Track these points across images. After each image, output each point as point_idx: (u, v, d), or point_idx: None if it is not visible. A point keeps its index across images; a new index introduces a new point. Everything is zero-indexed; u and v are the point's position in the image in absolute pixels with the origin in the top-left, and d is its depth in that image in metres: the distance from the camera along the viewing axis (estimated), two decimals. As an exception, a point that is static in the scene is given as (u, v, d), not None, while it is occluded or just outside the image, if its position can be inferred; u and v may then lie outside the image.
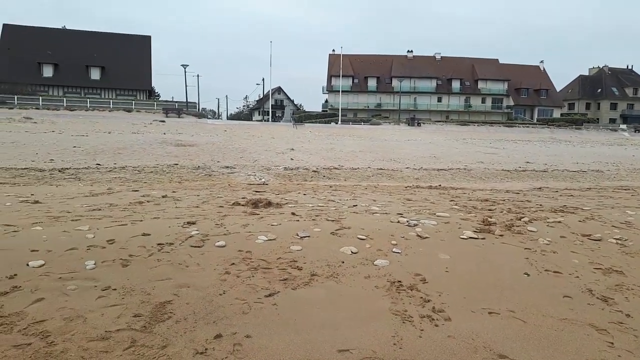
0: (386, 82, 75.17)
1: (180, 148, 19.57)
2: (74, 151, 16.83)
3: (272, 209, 5.73)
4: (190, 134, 27.76)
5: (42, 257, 3.39)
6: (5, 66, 55.86)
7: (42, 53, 58.15)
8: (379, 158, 18.49)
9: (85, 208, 5.39)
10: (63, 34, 62.20)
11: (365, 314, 2.90)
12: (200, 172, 12.09)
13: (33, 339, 2.40)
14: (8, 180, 9.34)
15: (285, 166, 14.50)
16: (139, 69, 60.87)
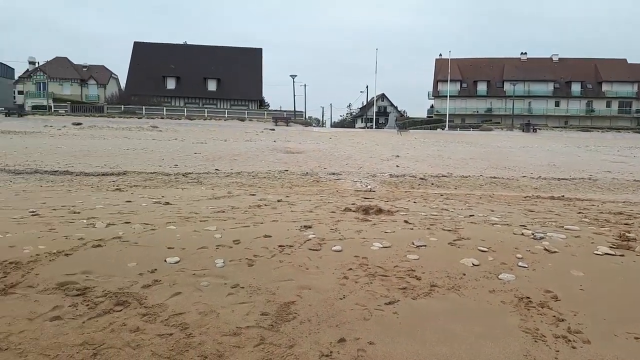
0: (497, 86, 71.59)
1: (289, 155, 20.28)
2: (194, 157, 18.19)
3: (383, 216, 5.69)
4: (298, 142, 28.68)
5: (177, 254, 3.68)
6: (135, 80, 62.05)
7: (166, 67, 63.78)
8: (491, 166, 17.62)
9: (210, 210, 5.78)
10: (184, 49, 67.65)
11: (492, 330, 2.75)
12: (308, 178, 12.41)
13: (174, 329, 2.60)
14: (140, 183, 10.33)
15: (390, 173, 14.38)
16: (251, 80, 64.28)
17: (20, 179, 11.19)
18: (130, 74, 63.75)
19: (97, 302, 2.86)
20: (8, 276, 3.18)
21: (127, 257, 3.57)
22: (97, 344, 2.42)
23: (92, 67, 74.23)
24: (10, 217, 4.93)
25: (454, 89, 69.04)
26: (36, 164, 14.63)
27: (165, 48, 66.23)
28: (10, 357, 2.30)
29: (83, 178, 11.39)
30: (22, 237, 3.99)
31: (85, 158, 17.03)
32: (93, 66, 74.42)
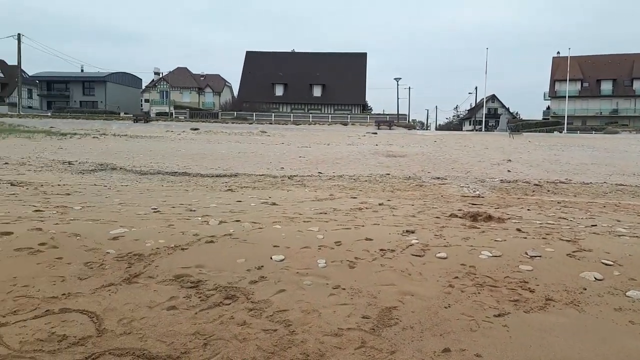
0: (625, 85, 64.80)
1: (391, 159, 20.08)
2: (299, 160, 18.74)
3: (493, 223, 5.38)
4: (401, 145, 28.31)
5: (282, 253, 3.78)
6: (247, 87, 65.48)
7: (275, 75, 66.55)
8: (617, 172, 15.95)
9: (313, 211, 5.89)
10: (292, 57, 70.10)
11: (618, 353, 2.46)
12: (411, 182, 12.16)
13: (278, 325, 2.67)
14: (250, 185, 10.85)
15: (501, 178, 13.60)
16: (354, 85, 64.84)
17: (145, 179, 12.33)
18: (242, 81, 67.56)
19: (209, 294, 3.03)
20: (132, 267, 3.49)
21: (236, 254, 3.75)
22: (208, 335, 2.55)
23: (209, 76, 79.81)
24: (135, 213, 5.43)
25: (574, 89, 63.66)
26: (159, 166, 16.02)
27: (274, 56, 69.24)
28: (133, 341, 2.51)
29: (199, 179, 12.24)
30: (145, 232, 4.37)
31: (201, 161, 18.31)
32: (209, 75, 80.00)
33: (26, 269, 3.45)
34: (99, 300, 2.96)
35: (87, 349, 2.43)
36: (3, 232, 4.19)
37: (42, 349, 2.42)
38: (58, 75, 75.35)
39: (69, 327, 2.63)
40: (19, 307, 2.87)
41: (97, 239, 4.05)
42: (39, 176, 12.14)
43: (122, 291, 3.09)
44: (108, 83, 74.74)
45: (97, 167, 15.05)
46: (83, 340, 2.50)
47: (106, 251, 3.77)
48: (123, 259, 3.62)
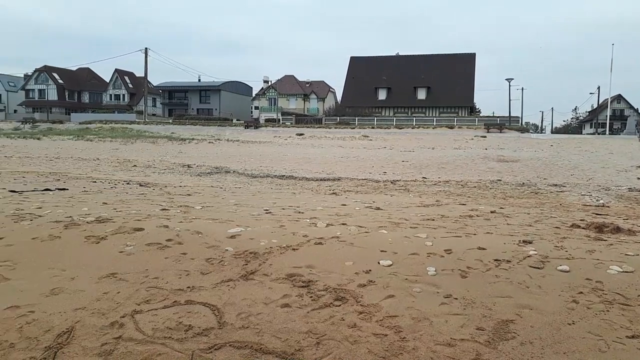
0: None
1: (503, 164, 19.06)
2: (402, 165, 18.53)
3: (622, 235, 4.88)
4: (513, 149, 26.78)
5: (389, 258, 3.77)
6: (350, 92, 66.13)
7: (378, 79, 66.45)
8: None
9: (420, 217, 5.78)
10: (396, 60, 69.51)
11: None
12: (525, 189, 11.44)
13: (388, 331, 2.67)
14: (352, 188, 10.95)
15: (629, 186, 12.29)
16: (461, 87, 62.64)
17: (255, 181, 12.97)
18: (345, 87, 68.43)
19: (319, 295, 3.11)
20: (249, 264, 3.69)
21: (344, 256, 3.80)
22: (320, 334, 2.62)
23: (314, 82, 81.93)
24: (249, 214, 5.73)
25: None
26: (267, 169, 16.77)
27: (377, 61, 69.21)
28: (250, 335, 2.66)
29: (304, 182, 12.61)
30: (259, 232, 4.59)
31: (306, 165, 18.85)
32: (314, 82, 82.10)
33: (156, 262, 3.80)
34: (219, 294, 3.17)
35: (210, 339, 2.61)
36: (136, 228, 4.65)
37: (171, 336, 2.65)
38: (178, 85, 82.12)
39: (194, 318, 2.85)
40: (151, 297, 3.17)
41: (217, 237, 4.34)
42: (162, 177, 13.31)
43: (240, 287, 3.27)
44: (222, 91, 79.87)
45: (212, 170, 16.15)
46: (206, 331, 2.70)
47: (225, 248, 4.02)
48: (240, 256, 3.84)
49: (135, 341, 2.60)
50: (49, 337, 2.66)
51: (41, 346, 2.56)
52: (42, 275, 3.60)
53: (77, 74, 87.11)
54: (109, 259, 3.90)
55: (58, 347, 2.54)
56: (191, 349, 2.51)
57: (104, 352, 2.49)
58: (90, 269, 3.68)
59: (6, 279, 3.56)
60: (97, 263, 3.81)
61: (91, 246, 4.22)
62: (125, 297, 3.15)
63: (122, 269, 3.65)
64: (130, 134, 39.97)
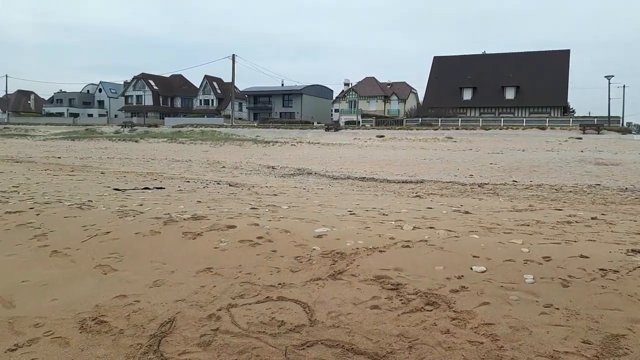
0: None
1: (601, 167, 17.68)
2: (490, 168, 17.77)
3: None
4: (613, 152, 24.76)
5: (482, 264, 3.61)
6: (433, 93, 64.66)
7: (463, 78, 64.35)
8: None
9: (513, 222, 5.50)
10: (482, 59, 66.95)
11: None
12: (629, 195, 10.52)
13: (484, 339, 2.55)
14: (437, 192, 10.68)
15: None
16: (554, 86, 59.02)
17: (336, 183, 13.07)
18: (428, 87, 66.99)
19: (410, 298, 3.05)
20: (336, 264, 3.71)
21: (433, 260, 3.71)
22: (412, 338, 2.57)
23: (395, 84, 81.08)
24: (334, 215, 5.78)
25: None
26: (348, 171, 16.83)
27: (463, 60, 67.05)
28: (341, 334, 2.67)
29: (386, 185, 12.50)
30: (344, 232, 4.61)
31: (387, 167, 18.69)
32: (395, 83, 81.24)
33: (248, 258, 3.94)
34: (309, 292, 3.21)
35: (302, 336, 2.66)
36: (229, 225, 4.85)
37: (265, 331, 2.73)
38: (262, 90, 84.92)
39: (286, 314, 2.91)
40: (245, 292, 3.29)
41: (304, 236, 4.41)
42: (249, 178, 13.81)
43: (329, 286, 3.30)
44: (304, 95, 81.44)
45: (295, 172, 16.50)
46: (298, 327, 2.74)
47: (312, 248, 4.08)
48: (327, 256, 3.87)
49: (232, 334, 2.70)
50: (154, 325, 2.84)
51: (147, 334, 2.75)
52: (145, 268, 3.86)
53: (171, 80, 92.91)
54: (205, 254, 4.10)
55: (162, 336, 2.70)
56: (284, 344, 2.57)
57: (203, 342, 2.62)
58: (188, 263, 3.89)
59: (114, 270, 3.86)
60: (194, 258, 4.03)
61: (188, 242, 4.46)
62: (221, 291, 3.30)
63: (217, 264, 3.83)
64: (219, 137, 41.94)
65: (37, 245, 4.53)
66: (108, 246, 4.41)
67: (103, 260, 4.06)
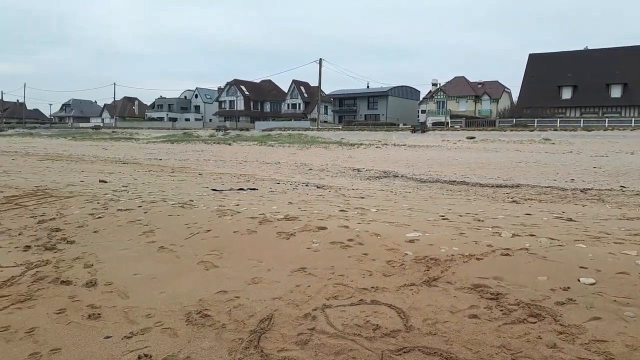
0: None
1: None
2: (594, 172, 16.46)
3: None
4: None
5: (591, 276, 3.36)
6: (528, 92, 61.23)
7: (561, 76, 60.28)
8: None
9: (624, 232, 5.05)
10: (582, 55, 62.30)
11: None
12: None
13: (596, 356, 2.37)
14: (534, 197, 10.07)
15: None
16: (669, 81, 53.38)
17: (424, 186, 12.79)
18: (523, 86, 63.52)
19: (511, 309, 2.92)
20: (430, 270, 3.64)
21: (536, 270, 3.51)
22: (515, 351, 2.45)
23: (486, 83, 77.87)
24: (425, 219, 5.66)
25: None
26: (437, 174, 16.41)
27: (562, 57, 62.78)
28: (439, 342, 2.60)
29: (478, 188, 12.01)
30: (438, 237, 4.50)
31: (478, 170, 17.97)
32: (487, 82, 78.01)
33: (340, 260, 3.98)
34: (403, 297, 3.18)
35: (397, 341, 2.63)
36: (320, 227, 4.94)
37: (360, 334, 2.74)
38: (348, 93, 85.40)
39: (380, 318, 2.90)
40: (338, 293, 3.32)
41: (395, 240, 4.37)
42: (335, 180, 13.94)
43: (423, 292, 3.24)
44: (389, 97, 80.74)
45: (381, 174, 16.39)
46: (394, 332, 2.72)
47: (404, 252, 4.03)
48: (420, 261, 3.81)
49: (327, 334, 2.74)
50: (253, 321, 2.96)
51: (247, 329, 2.87)
52: (243, 265, 4.04)
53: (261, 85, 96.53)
54: (298, 254, 4.21)
55: (261, 332, 2.81)
56: (380, 348, 2.56)
57: (301, 341, 2.68)
58: (283, 262, 4.02)
59: (215, 266, 4.08)
60: (288, 257, 4.14)
61: (282, 241, 4.60)
62: (315, 291, 3.36)
63: (311, 264, 3.91)
64: (305, 140, 42.81)
65: (146, 241, 4.91)
66: (209, 243, 4.67)
67: (205, 256, 4.30)
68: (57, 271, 4.07)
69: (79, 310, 3.24)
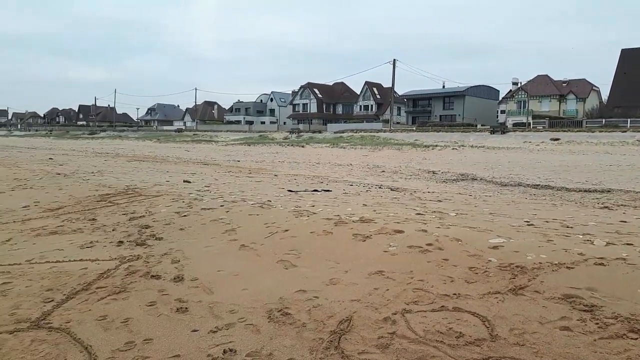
0: None
1: None
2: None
3: None
4: None
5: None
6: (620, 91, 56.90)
7: (659, 72, 55.32)
8: None
9: None
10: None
11: None
12: None
13: None
14: (629, 203, 9.31)
15: None
16: None
17: (505, 190, 12.24)
18: (614, 84, 59.06)
19: (607, 322, 2.71)
20: (516, 278, 3.47)
21: (636, 282, 3.24)
22: (615, 369, 2.28)
23: (572, 81, 73.18)
24: (509, 225, 5.41)
25: None
26: (518, 178, 15.65)
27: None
28: (527, 354, 2.48)
29: (564, 193, 11.31)
30: (523, 244, 4.28)
31: (564, 173, 16.94)
32: (573, 80, 73.30)
33: (419, 264, 3.90)
34: (487, 305, 3.06)
35: (482, 350, 2.54)
36: (396, 230, 4.87)
37: (442, 341, 2.66)
38: (422, 93, 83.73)
39: (464, 326, 2.81)
40: (418, 298, 3.26)
41: (477, 246, 4.21)
42: (409, 183, 13.72)
43: (509, 301, 3.10)
44: (466, 97, 78.15)
45: (458, 177, 15.91)
46: (478, 341, 2.62)
47: (488, 259, 3.88)
48: (505, 269, 3.64)
49: (408, 339, 2.70)
50: (333, 322, 2.97)
51: (327, 329, 2.89)
52: (321, 266, 4.08)
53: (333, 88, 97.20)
54: (375, 256, 4.18)
55: (341, 333, 2.82)
56: (464, 356, 2.48)
57: (381, 345, 2.66)
58: (360, 264, 4.01)
59: (294, 266, 4.15)
60: (365, 259, 4.13)
61: (358, 243, 4.59)
62: (394, 295, 3.32)
63: (388, 267, 3.87)
64: (377, 142, 42.52)
65: (228, 239, 5.10)
66: (287, 243, 4.76)
67: (284, 255, 4.40)
68: (147, 266, 4.33)
69: (167, 304, 3.42)
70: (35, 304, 3.44)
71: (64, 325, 3.06)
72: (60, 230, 5.88)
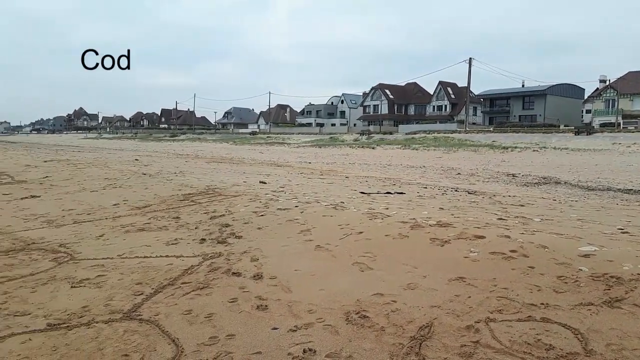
0: None
1: None
2: None
3: None
4: None
5: None
6: None
7: None
8: None
9: None
10: None
11: None
12: None
13: None
14: None
15: None
16: None
17: (593, 194, 11.45)
18: None
19: None
20: (611, 289, 3.22)
21: None
22: None
23: (669, 77, 67.06)
24: (600, 232, 5.05)
25: None
26: (607, 182, 14.60)
27: None
28: (628, 372, 2.29)
29: (662, 199, 10.38)
30: (618, 253, 3.97)
31: (661, 177, 15.57)
32: (670, 76, 67.15)
33: (502, 272, 3.73)
34: (579, 317, 2.87)
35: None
36: (477, 235, 4.70)
37: (530, 352, 2.53)
38: (500, 93, 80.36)
39: (554, 338, 2.65)
40: (503, 307, 3.12)
41: (566, 254, 3.97)
42: (487, 186, 13.20)
43: (604, 314, 2.89)
44: (548, 96, 74.01)
45: (540, 180, 15.11)
46: (571, 355, 2.47)
47: (578, 268, 3.64)
48: (599, 279, 3.40)
49: (493, 349, 2.59)
50: (412, 328, 2.92)
51: (407, 335, 2.84)
52: (397, 269, 4.02)
53: (405, 88, 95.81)
54: (455, 262, 4.05)
55: (422, 339, 2.76)
56: (556, 371, 2.34)
57: (464, 353, 2.57)
58: (439, 270, 3.90)
59: (370, 268, 4.13)
60: (444, 265, 4.02)
61: (436, 248, 4.48)
62: (477, 302, 3.20)
63: (469, 274, 3.74)
64: (452, 143, 41.36)
65: (304, 239, 5.17)
66: (362, 245, 4.75)
67: (359, 258, 4.38)
68: (228, 263, 4.48)
69: (248, 301, 3.52)
70: (126, 297, 3.67)
71: (153, 318, 3.24)
72: (147, 228, 6.25)
